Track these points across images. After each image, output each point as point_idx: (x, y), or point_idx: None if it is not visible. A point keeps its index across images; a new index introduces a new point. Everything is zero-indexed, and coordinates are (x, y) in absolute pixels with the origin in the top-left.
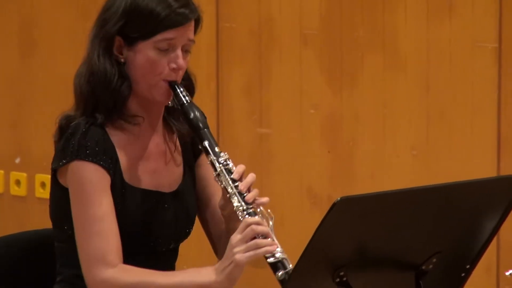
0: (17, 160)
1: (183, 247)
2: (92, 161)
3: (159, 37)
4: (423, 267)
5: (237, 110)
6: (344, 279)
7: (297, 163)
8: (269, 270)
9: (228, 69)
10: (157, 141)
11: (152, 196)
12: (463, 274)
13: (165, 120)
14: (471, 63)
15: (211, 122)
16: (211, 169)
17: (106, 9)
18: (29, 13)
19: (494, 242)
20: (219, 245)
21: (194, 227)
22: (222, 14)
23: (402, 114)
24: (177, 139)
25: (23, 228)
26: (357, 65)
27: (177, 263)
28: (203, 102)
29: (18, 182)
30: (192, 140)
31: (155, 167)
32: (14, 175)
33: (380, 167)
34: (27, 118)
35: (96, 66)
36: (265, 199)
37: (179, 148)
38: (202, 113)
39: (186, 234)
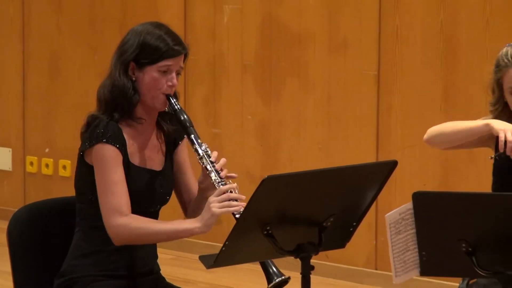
0: (47, 150)
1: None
2: (111, 144)
3: (161, 63)
4: (324, 224)
5: (198, 116)
6: (270, 232)
7: (239, 153)
8: None
9: (192, 88)
10: (152, 136)
11: (147, 172)
12: (351, 229)
13: (157, 123)
14: (358, 85)
15: None
16: (183, 156)
17: (124, 43)
18: (56, 50)
19: (374, 206)
20: (188, 206)
21: (170, 201)
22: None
23: (311, 120)
24: (164, 136)
25: (50, 197)
26: (281, 86)
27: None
28: None
29: (47, 165)
30: (173, 137)
31: (150, 153)
32: (44, 160)
33: (296, 156)
34: (53, 122)
35: (117, 81)
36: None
37: (164, 142)
38: (188, 116)
39: (166, 200)
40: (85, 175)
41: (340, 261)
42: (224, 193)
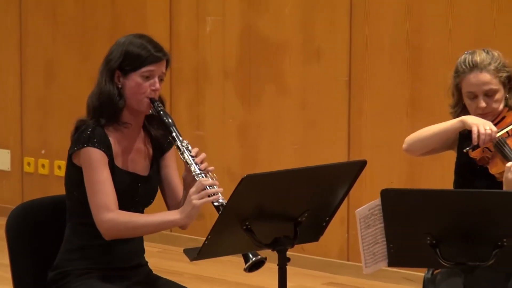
0: (43, 151)
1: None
2: (97, 148)
3: (144, 69)
4: (299, 219)
5: (183, 119)
6: (249, 226)
7: (221, 153)
8: None
9: (178, 93)
10: (137, 141)
11: (131, 176)
12: (324, 224)
13: (145, 129)
14: (331, 90)
15: None
16: (171, 161)
17: (109, 54)
18: (51, 56)
19: (345, 202)
20: (176, 208)
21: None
22: (174, 58)
23: (288, 123)
24: (151, 142)
25: (46, 195)
26: (260, 91)
27: None
28: None
29: (43, 166)
30: (161, 144)
31: (134, 157)
32: (41, 161)
33: (274, 156)
34: (49, 124)
35: (104, 88)
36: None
37: (150, 148)
38: (171, 117)
39: (149, 203)
40: (73, 175)
41: (314, 253)
42: (202, 185)
